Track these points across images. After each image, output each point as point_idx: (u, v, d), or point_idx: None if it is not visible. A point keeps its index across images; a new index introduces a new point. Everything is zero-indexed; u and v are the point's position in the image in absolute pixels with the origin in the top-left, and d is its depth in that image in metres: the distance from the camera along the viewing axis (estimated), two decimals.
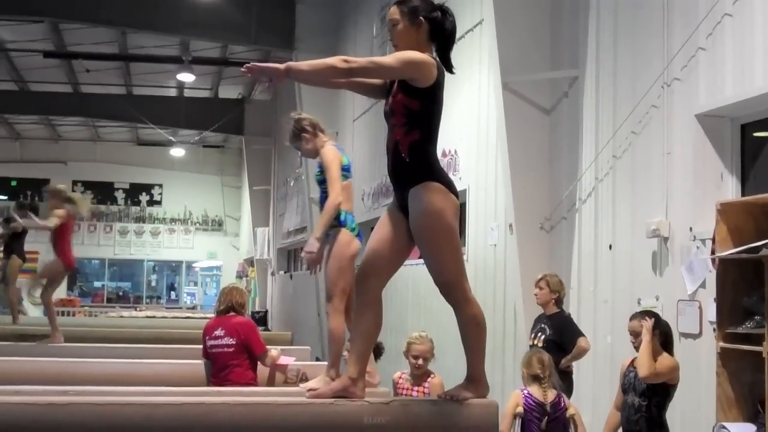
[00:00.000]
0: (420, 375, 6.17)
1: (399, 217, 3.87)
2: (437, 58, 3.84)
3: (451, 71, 3.91)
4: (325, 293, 5.27)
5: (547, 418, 5.97)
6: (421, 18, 3.83)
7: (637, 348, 5.82)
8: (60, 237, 8.71)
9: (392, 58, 3.72)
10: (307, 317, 18.12)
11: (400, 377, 6.33)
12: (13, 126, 28.02)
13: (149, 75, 22.12)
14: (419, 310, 10.79)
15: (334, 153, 5.36)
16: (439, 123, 3.86)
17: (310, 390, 4.06)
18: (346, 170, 5.38)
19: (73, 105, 24.23)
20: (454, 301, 3.87)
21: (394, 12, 3.89)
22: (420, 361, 6.15)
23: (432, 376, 6.18)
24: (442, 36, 3.89)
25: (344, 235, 5.19)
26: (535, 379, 6.10)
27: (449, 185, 3.82)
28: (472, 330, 3.89)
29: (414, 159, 3.78)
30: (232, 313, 6.84)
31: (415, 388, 6.15)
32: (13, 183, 30.72)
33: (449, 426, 3.84)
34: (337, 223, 5.22)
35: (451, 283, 3.84)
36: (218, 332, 6.68)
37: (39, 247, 29.51)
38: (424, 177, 3.77)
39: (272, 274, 24.71)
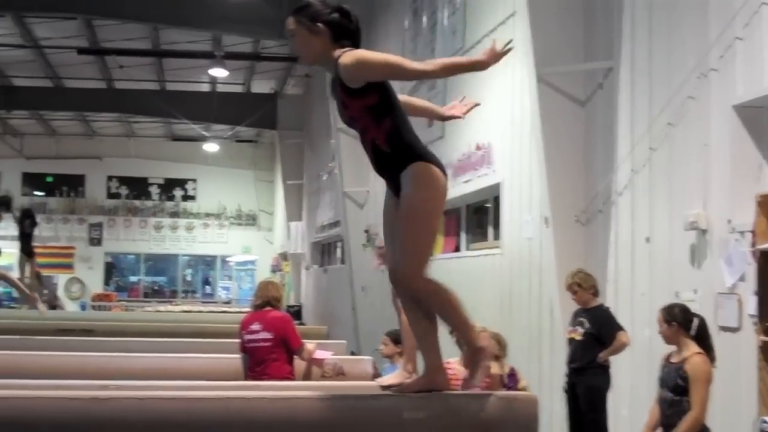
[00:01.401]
0: None
1: (397, 205, 3.81)
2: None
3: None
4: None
5: (504, 388, 6.10)
6: (319, 25, 3.77)
7: (663, 336, 5.85)
8: None
9: (376, 58, 3.67)
10: (341, 311, 18.12)
11: (449, 367, 6.21)
12: (48, 122, 28.28)
13: (182, 71, 22.25)
14: (467, 301, 10.74)
15: None
16: (399, 102, 3.80)
17: (390, 386, 4.04)
18: None
19: (107, 101, 24.43)
20: (403, 290, 3.82)
21: (290, 23, 3.81)
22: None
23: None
24: (347, 35, 3.82)
25: None
26: (495, 357, 6.17)
27: (437, 161, 3.76)
28: (436, 309, 3.85)
29: (394, 147, 3.71)
30: (268, 308, 6.88)
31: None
32: (49, 179, 31.06)
33: (489, 420, 3.82)
34: None
35: (405, 269, 3.73)
36: (255, 327, 6.72)
37: (75, 243, 30.12)
38: (410, 159, 3.70)
39: (306, 268, 24.76)
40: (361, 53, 3.68)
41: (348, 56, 3.67)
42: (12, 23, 18.78)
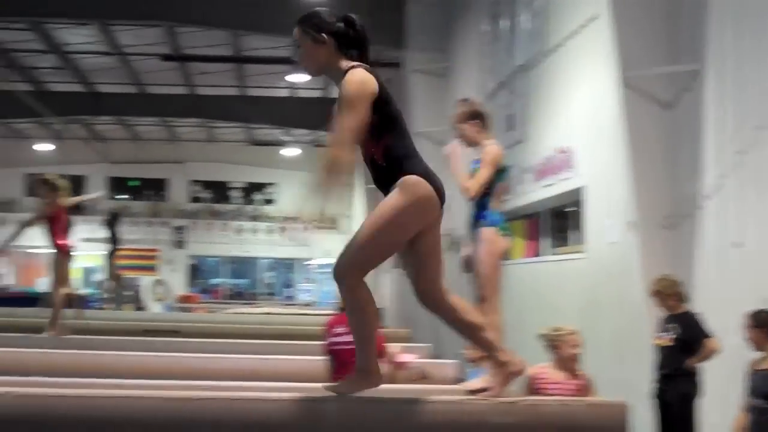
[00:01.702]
0: (573, 368, 6.07)
1: None
2: (364, 64, 3.77)
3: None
4: (478, 294, 5.25)
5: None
6: (323, 35, 3.77)
7: (749, 342, 5.75)
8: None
9: (350, 110, 3.60)
10: (423, 314, 18.00)
11: (542, 372, 6.13)
12: (132, 128, 28.86)
13: (262, 76, 22.49)
14: (541, 308, 10.65)
15: (497, 153, 5.35)
16: (402, 116, 3.79)
17: (476, 390, 4.05)
18: (504, 170, 5.39)
19: (189, 106, 24.81)
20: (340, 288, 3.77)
21: (296, 33, 3.82)
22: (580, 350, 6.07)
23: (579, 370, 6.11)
24: (352, 45, 3.81)
25: (490, 233, 5.20)
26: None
27: (429, 176, 3.72)
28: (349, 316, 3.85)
29: (390, 161, 3.72)
30: None
31: (572, 381, 5.98)
32: (134, 183, 31.76)
33: (577, 427, 3.80)
34: (484, 222, 5.25)
35: (345, 263, 3.71)
36: (340, 329, 6.75)
37: (159, 246, 30.66)
38: (400, 173, 3.69)
39: (387, 271, 24.72)
40: (357, 90, 3.63)
41: (353, 76, 3.67)
42: (98, 31, 19.24)
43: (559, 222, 11.45)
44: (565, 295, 10.15)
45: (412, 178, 3.67)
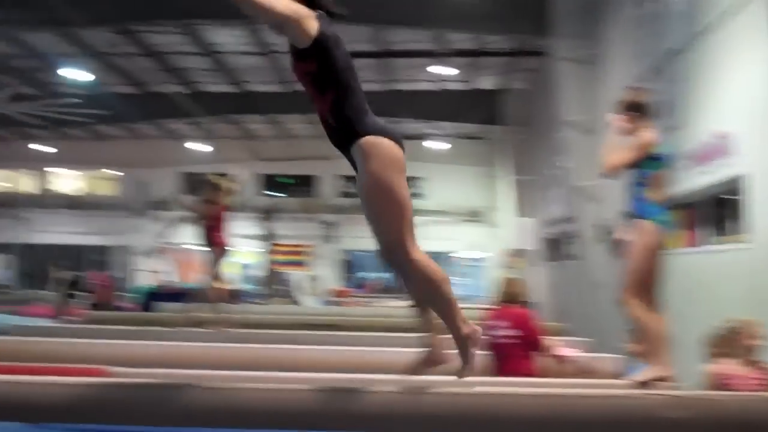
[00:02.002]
0: (754, 361, 5.92)
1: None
2: (319, 9, 3.73)
3: (339, 16, 3.85)
4: (625, 284, 5.15)
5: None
6: None
7: None
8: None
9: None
10: (577, 308, 17.74)
11: (726, 368, 5.90)
12: (282, 125, 29.50)
13: (402, 70, 22.61)
14: (702, 300, 10.29)
15: (648, 139, 5.23)
16: (353, 69, 3.72)
17: (643, 384, 4.01)
18: (659, 159, 5.25)
19: None
20: (397, 265, 3.71)
21: None
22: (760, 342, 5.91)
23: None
24: None
25: (644, 225, 5.09)
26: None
27: (385, 131, 3.67)
28: (426, 290, 3.75)
29: (340, 120, 3.67)
30: (511, 305, 6.90)
31: (757, 376, 5.80)
32: (285, 180, 32.55)
33: (752, 421, 3.70)
34: (638, 214, 5.15)
35: (390, 244, 3.69)
36: (499, 323, 6.76)
37: (310, 241, 31.23)
38: (357, 133, 3.64)
39: (539, 264, 24.51)
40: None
41: None
42: (248, 32, 19.77)
43: (719, 210, 11.07)
44: (729, 286, 9.79)
45: (369, 141, 3.64)
